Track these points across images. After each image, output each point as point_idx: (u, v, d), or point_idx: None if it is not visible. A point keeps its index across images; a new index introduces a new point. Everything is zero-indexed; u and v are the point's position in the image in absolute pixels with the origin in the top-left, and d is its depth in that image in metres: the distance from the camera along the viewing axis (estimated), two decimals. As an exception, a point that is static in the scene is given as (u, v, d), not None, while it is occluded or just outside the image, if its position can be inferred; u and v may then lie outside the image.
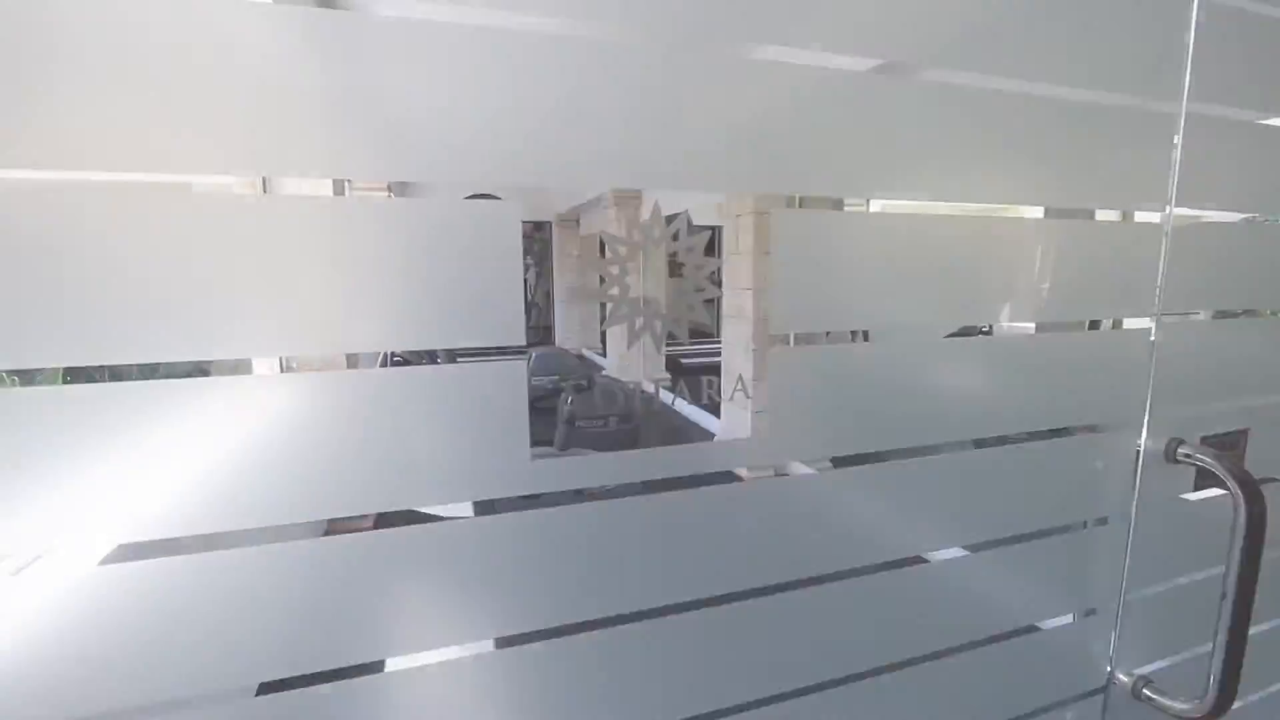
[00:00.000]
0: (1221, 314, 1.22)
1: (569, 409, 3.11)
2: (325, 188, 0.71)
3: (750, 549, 0.91)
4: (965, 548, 1.11)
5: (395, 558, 0.70)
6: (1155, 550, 1.14)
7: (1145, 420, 1.11)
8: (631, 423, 4.61)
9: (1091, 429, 1.12)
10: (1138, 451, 1.12)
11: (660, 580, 0.85)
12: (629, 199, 5.51)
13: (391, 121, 0.62)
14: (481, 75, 0.65)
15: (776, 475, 1.00)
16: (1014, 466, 1.08)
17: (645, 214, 0.79)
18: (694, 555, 0.87)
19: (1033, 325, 1.10)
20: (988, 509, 1.06)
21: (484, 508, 0.73)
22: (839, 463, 0.98)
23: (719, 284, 0.86)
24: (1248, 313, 1.23)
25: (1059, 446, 1.12)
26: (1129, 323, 1.12)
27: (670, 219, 0.78)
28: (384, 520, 0.67)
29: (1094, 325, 1.21)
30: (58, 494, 0.55)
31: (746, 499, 0.95)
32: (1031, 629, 1.12)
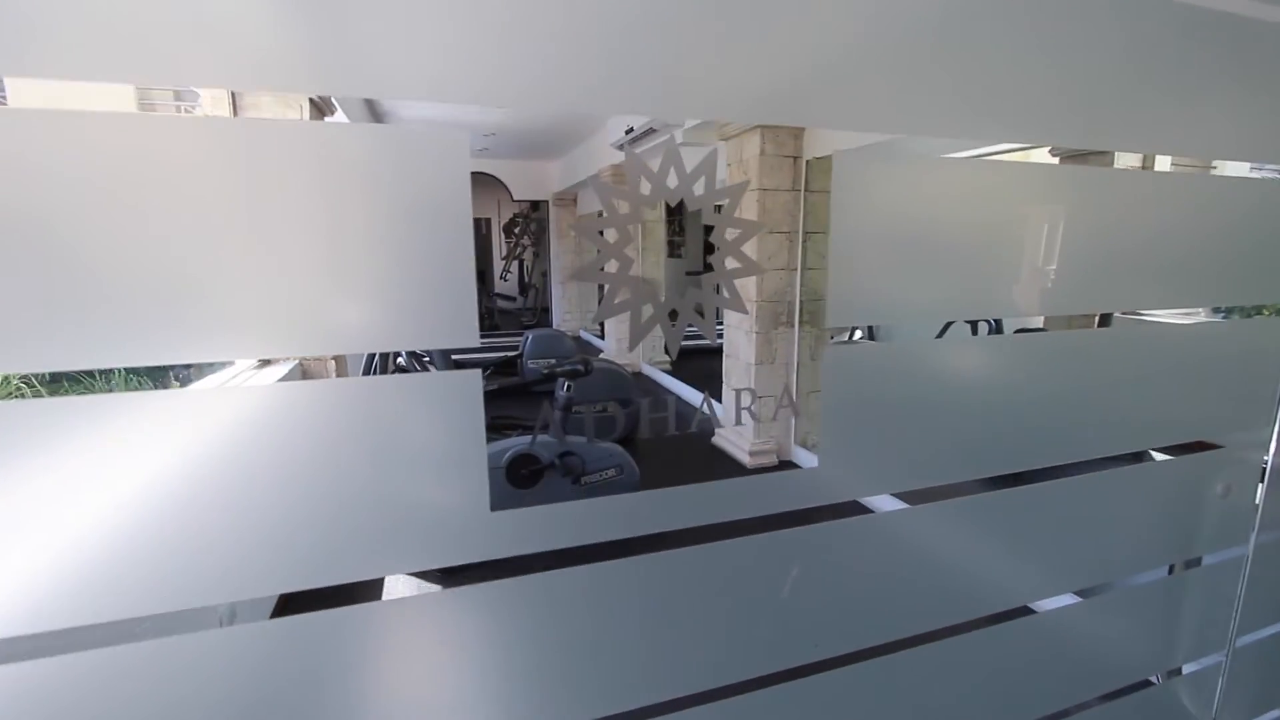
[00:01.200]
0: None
1: (565, 395, 3.02)
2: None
3: (824, 606, 0.71)
4: (1069, 593, 0.90)
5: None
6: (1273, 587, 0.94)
7: (1276, 432, 0.88)
8: (631, 408, 4.52)
9: (1208, 445, 0.90)
10: (1263, 469, 0.89)
11: (721, 654, 0.67)
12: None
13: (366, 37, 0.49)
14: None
15: (835, 514, 0.73)
16: (1117, 494, 0.86)
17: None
18: (755, 617, 0.68)
19: (1161, 313, 0.89)
20: (1087, 547, 0.86)
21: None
22: (913, 497, 0.79)
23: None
24: None
25: (1172, 468, 0.90)
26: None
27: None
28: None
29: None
30: None
31: (812, 542, 0.70)
32: (1144, 684, 0.95)
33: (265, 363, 2.86)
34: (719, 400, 4.30)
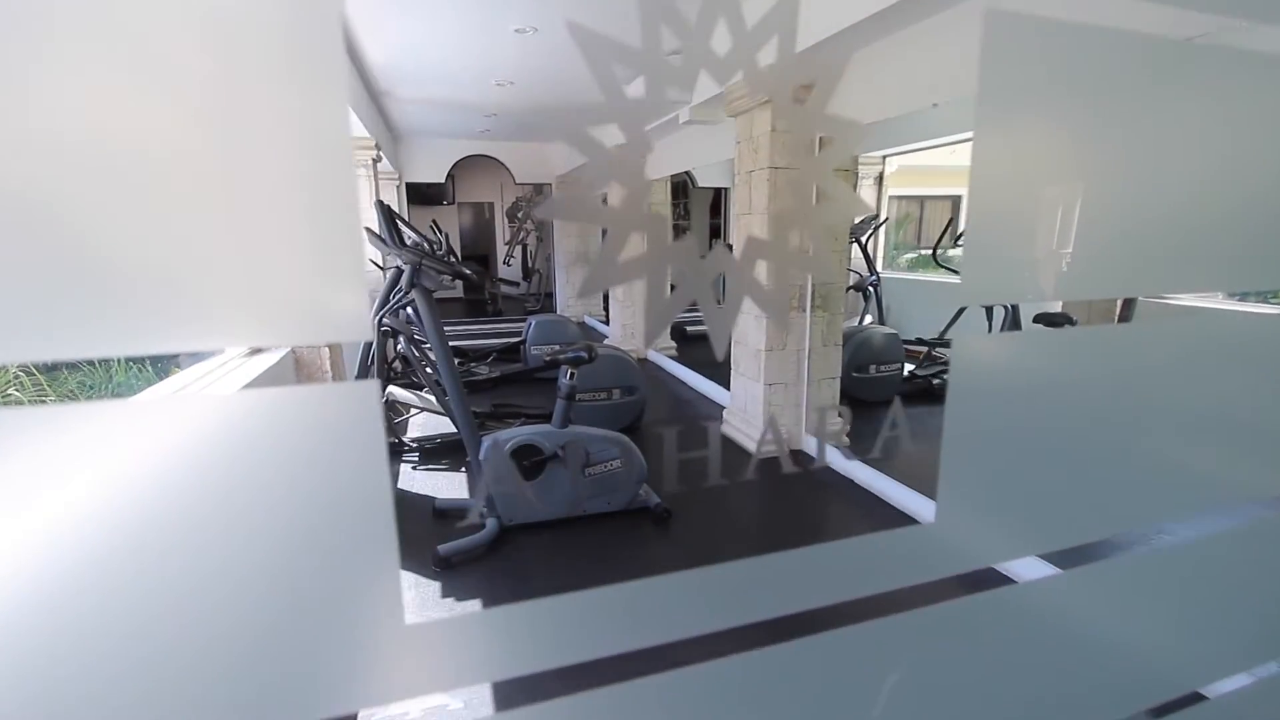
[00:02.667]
0: None
1: (569, 383, 2.91)
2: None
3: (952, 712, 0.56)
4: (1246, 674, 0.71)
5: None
6: None
7: None
8: (636, 396, 4.38)
9: None
10: None
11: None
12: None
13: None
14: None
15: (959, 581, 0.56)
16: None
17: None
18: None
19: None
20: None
21: None
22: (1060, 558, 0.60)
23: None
24: None
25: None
26: None
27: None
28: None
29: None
30: None
31: (929, 629, 0.53)
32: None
33: (256, 351, 2.75)
34: (727, 388, 4.19)
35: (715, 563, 0.45)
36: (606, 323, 8.02)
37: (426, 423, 4.36)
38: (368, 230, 3.27)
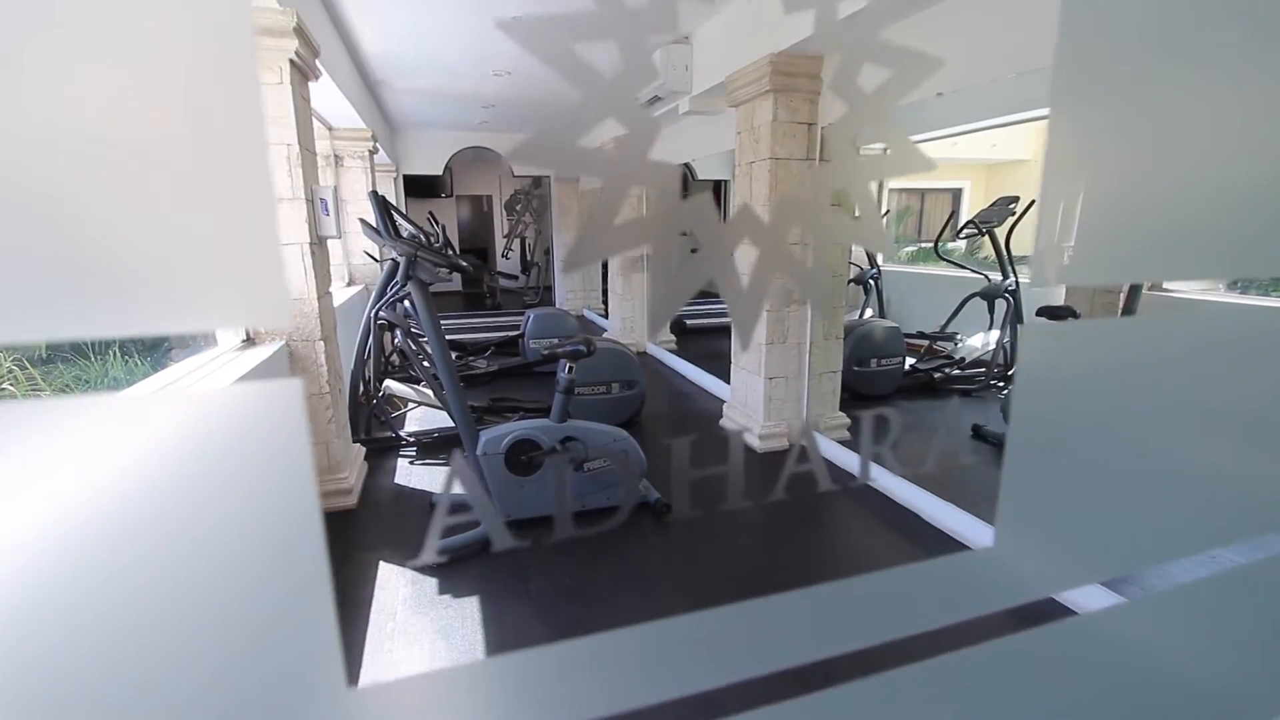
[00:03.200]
0: None
1: (567, 377, 2.87)
2: None
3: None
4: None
5: None
6: None
7: None
8: (635, 390, 4.35)
9: None
10: None
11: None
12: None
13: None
14: None
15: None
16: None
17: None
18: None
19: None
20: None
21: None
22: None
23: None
24: None
25: None
26: None
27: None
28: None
29: None
30: None
31: (990, 667, 0.47)
32: None
33: (249, 341, 2.71)
34: (727, 381, 4.15)
35: (715, 562, 0.40)
36: (606, 316, 7.96)
37: (424, 417, 4.33)
38: (362, 222, 3.22)
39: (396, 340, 3.86)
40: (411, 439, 3.83)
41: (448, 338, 3.17)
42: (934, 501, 2.88)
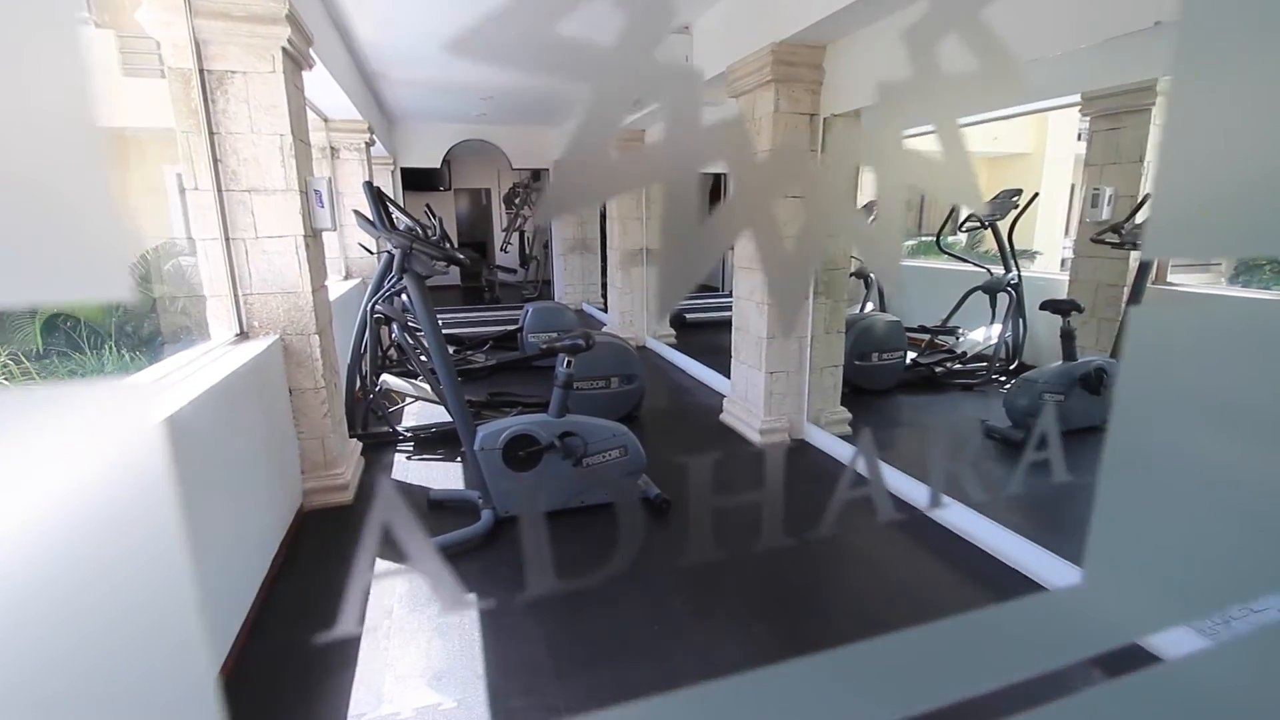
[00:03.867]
0: None
1: (566, 371, 2.83)
2: None
3: None
4: None
5: None
6: None
7: None
8: (635, 384, 4.30)
9: None
10: None
11: None
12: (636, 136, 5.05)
13: None
14: None
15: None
16: None
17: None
18: None
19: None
20: None
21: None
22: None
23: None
24: None
25: None
26: None
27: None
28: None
29: None
30: None
31: None
32: None
33: (243, 335, 2.67)
34: (727, 376, 4.11)
35: (715, 563, 0.35)
36: (605, 310, 7.92)
37: (421, 411, 4.29)
38: (356, 214, 3.17)
39: (394, 334, 3.82)
40: (409, 434, 3.79)
41: (445, 332, 3.13)
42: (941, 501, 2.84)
